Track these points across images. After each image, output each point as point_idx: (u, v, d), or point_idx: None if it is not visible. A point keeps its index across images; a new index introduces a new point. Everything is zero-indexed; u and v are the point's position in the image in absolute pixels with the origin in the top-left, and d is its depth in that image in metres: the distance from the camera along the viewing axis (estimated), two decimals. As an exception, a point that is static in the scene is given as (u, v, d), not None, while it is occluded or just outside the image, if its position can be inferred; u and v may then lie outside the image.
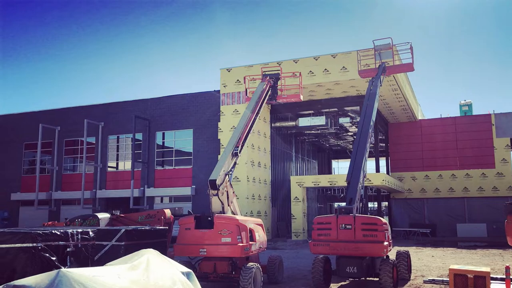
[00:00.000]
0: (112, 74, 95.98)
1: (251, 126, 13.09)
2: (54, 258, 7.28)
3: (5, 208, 32.88)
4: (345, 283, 12.57)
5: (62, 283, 4.13)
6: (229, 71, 28.99)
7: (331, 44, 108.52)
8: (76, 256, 7.79)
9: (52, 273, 4.33)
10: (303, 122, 31.52)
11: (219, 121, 28.71)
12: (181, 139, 31.22)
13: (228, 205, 11.42)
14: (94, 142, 32.89)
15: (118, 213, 15.00)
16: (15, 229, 8.08)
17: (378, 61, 16.86)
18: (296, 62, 27.05)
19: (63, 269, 4.40)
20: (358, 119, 30.33)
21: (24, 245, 7.05)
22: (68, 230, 7.84)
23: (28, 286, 4.17)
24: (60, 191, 33.37)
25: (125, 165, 32.56)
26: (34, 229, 7.70)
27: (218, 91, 29.34)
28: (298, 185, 28.89)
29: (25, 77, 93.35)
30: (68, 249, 7.65)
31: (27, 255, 7.02)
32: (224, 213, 11.10)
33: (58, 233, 7.56)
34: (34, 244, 7.04)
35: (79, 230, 8.08)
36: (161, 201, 31.24)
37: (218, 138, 28.52)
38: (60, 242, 7.53)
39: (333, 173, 48.59)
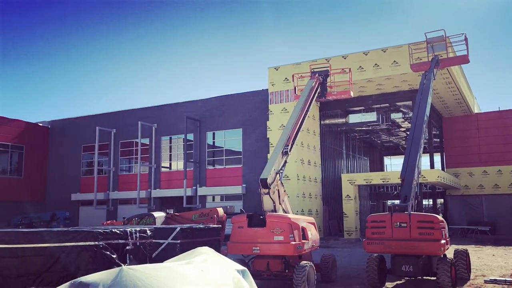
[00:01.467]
0: (161, 76, 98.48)
1: (301, 124, 13.06)
2: (114, 256, 7.57)
3: (66, 208, 34.50)
4: (401, 282, 12.29)
5: (124, 280, 4.31)
6: (277, 70, 29.01)
7: (380, 38, 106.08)
8: (135, 254, 8.07)
9: (115, 270, 4.53)
10: (354, 118, 31.05)
11: (268, 120, 28.77)
12: (230, 139, 31.59)
13: (280, 204, 11.45)
14: (148, 143, 33.88)
15: (172, 212, 15.41)
16: (78, 228, 8.49)
17: (431, 54, 16.36)
18: (345, 58, 26.69)
19: (125, 266, 4.58)
20: (410, 114, 29.53)
21: (87, 243, 7.38)
22: (127, 229, 8.13)
23: (93, 282, 4.38)
24: (117, 191, 34.64)
25: (178, 165, 33.33)
26: (95, 228, 8.04)
27: (266, 90, 29.44)
28: (350, 183, 28.52)
29: (81, 80, 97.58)
30: (127, 247, 7.93)
31: (90, 253, 7.34)
32: (275, 211, 11.14)
33: (118, 231, 7.85)
34: (96, 243, 7.35)
35: (137, 229, 8.36)
36: (213, 199, 31.74)
37: (267, 137, 28.60)
38: (119, 241, 7.82)
39: (385, 170, 47.58)
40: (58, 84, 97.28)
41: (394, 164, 51.06)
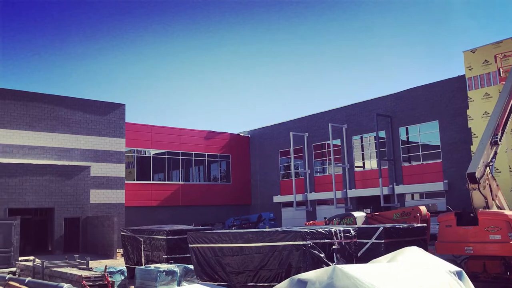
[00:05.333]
0: (349, 75, 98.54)
1: (511, 109, 11.67)
2: (322, 255, 7.90)
3: (270, 209, 37.24)
4: None
5: (339, 278, 4.46)
6: (473, 52, 26.37)
7: None
8: (341, 253, 8.29)
9: (329, 268, 4.73)
10: None
11: (468, 109, 26.32)
12: (426, 133, 29.91)
13: (493, 200, 10.43)
14: (339, 144, 34.32)
15: (369, 211, 15.32)
16: (287, 229, 9.09)
17: None
18: (559, 27, 22.85)
19: (338, 265, 4.75)
20: None
21: (296, 242, 7.87)
22: (332, 229, 8.39)
23: (310, 279, 4.64)
24: (314, 192, 35.90)
25: (371, 163, 32.94)
26: (302, 228, 8.50)
27: (463, 75, 27.02)
28: None
29: (274, 88, 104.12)
30: (333, 247, 8.19)
31: (299, 251, 7.81)
32: (488, 208, 10.18)
33: (323, 231, 8.16)
34: (304, 242, 7.79)
35: (341, 229, 8.56)
36: (412, 198, 30.41)
37: (468, 127, 26.15)
38: (325, 240, 8.13)
39: None
40: (254, 94, 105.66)
41: None
